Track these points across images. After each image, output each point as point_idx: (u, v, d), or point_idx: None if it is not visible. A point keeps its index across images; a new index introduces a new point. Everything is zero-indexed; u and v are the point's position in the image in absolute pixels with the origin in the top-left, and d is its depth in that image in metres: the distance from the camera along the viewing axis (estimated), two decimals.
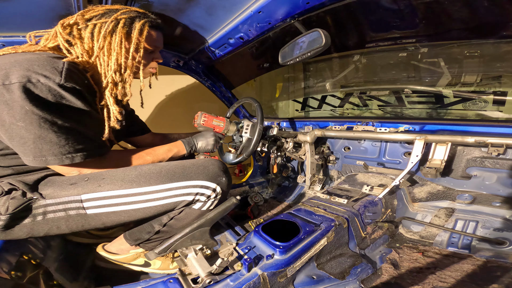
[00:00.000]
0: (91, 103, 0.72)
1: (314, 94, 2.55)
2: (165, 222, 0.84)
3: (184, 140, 1.01)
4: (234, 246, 0.89)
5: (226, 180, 0.86)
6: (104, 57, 0.73)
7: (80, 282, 0.93)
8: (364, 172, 1.47)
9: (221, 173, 0.85)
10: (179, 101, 2.96)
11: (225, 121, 1.22)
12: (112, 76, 0.74)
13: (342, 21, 1.22)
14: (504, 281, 0.84)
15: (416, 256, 1.04)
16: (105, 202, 0.72)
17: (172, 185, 0.77)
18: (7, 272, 0.69)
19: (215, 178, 0.83)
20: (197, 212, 0.84)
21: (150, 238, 0.89)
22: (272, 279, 0.75)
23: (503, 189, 1.06)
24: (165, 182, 0.76)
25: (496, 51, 1.45)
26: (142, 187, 0.74)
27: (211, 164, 0.85)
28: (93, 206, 0.71)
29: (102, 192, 0.72)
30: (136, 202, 0.74)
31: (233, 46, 1.24)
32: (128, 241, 0.92)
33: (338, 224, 0.98)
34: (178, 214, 0.83)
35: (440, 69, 1.66)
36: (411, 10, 1.09)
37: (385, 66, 1.97)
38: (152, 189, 0.75)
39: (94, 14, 0.72)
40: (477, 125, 1.06)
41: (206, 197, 0.82)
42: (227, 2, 0.94)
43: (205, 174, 0.81)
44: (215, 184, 0.82)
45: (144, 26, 0.77)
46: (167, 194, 0.77)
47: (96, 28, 0.71)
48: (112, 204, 0.73)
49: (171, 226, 0.85)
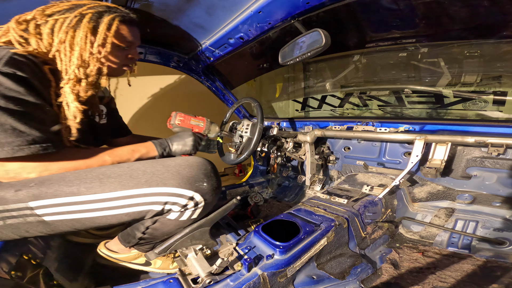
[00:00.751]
0: (44, 95, 0.65)
1: (314, 94, 2.55)
2: (143, 231, 0.77)
3: (155, 141, 0.89)
4: (234, 246, 0.89)
5: (208, 186, 0.73)
6: (66, 52, 0.68)
7: (80, 282, 0.93)
8: (364, 172, 1.47)
9: (202, 178, 0.73)
10: (179, 101, 2.96)
11: (205, 121, 1.09)
12: (75, 72, 0.70)
13: (342, 21, 1.22)
14: (504, 281, 0.84)
15: (416, 256, 1.04)
16: (58, 209, 0.64)
17: (132, 192, 0.67)
18: (7, 272, 0.69)
19: (192, 184, 0.71)
20: (175, 223, 0.75)
21: (138, 243, 0.84)
22: (272, 279, 0.75)
23: (503, 189, 1.06)
24: (124, 188, 0.66)
25: (496, 51, 1.45)
26: (95, 194, 0.65)
27: (188, 166, 0.73)
28: (47, 213, 0.64)
29: (50, 200, 0.63)
30: (92, 210, 0.66)
31: (233, 46, 1.24)
32: (122, 243, 0.88)
33: (338, 224, 0.98)
34: (152, 224, 0.75)
35: (440, 69, 1.66)
36: (411, 10, 1.09)
37: (385, 66, 1.96)
38: (107, 196, 0.66)
39: (57, 9, 0.69)
40: (477, 125, 1.06)
41: (181, 207, 0.71)
42: (227, 2, 0.94)
43: (178, 179, 0.69)
44: (191, 192, 0.70)
45: (113, 21, 0.72)
46: (126, 203, 0.67)
47: (58, 23, 0.67)
48: (66, 212, 0.65)
49: (151, 234, 0.79)
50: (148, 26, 1.10)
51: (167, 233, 0.79)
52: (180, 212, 0.73)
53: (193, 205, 0.73)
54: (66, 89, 0.70)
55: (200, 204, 0.74)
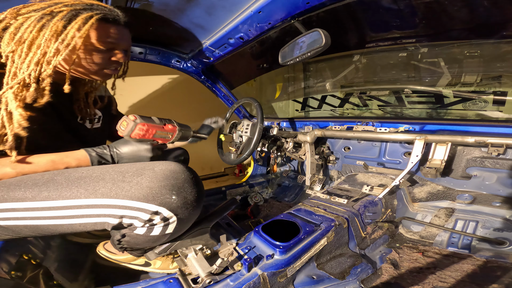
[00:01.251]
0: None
1: (314, 94, 2.55)
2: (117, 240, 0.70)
3: (90, 149, 0.73)
4: (234, 246, 0.89)
5: (179, 199, 0.62)
6: (21, 53, 0.60)
7: (80, 282, 0.93)
8: (364, 172, 1.47)
9: (169, 190, 0.61)
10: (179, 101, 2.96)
11: (176, 132, 0.86)
12: (25, 76, 0.60)
13: (342, 21, 1.23)
14: (504, 281, 0.84)
15: (416, 256, 1.04)
16: (7, 214, 0.61)
17: (81, 201, 0.60)
18: (7, 272, 0.69)
19: (154, 197, 0.60)
20: (146, 238, 0.67)
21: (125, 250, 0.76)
22: (272, 279, 0.75)
23: (503, 189, 1.06)
24: (73, 197, 0.60)
25: (496, 51, 1.45)
26: (42, 201, 0.60)
27: (152, 176, 0.61)
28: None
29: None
30: (42, 217, 0.61)
31: (233, 46, 1.24)
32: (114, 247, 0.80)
33: (338, 224, 0.98)
34: (122, 237, 0.68)
35: (440, 69, 1.67)
36: (411, 10, 1.09)
37: (385, 66, 1.97)
38: (56, 204, 0.60)
39: (33, 8, 0.62)
40: (477, 125, 1.06)
41: (143, 222, 0.62)
42: (227, 2, 0.94)
43: (135, 191, 0.59)
44: (154, 206, 0.60)
45: (88, 19, 0.63)
46: (77, 213, 0.61)
47: (26, 22, 0.60)
48: (17, 218, 0.61)
49: (128, 244, 0.71)
50: (148, 26, 1.10)
51: (146, 246, 0.73)
52: (147, 228, 0.64)
53: (160, 220, 0.63)
54: (9, 94, 0.60)
55: (171, 219, 0.64)
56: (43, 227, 0.63)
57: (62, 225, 0.63)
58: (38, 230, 0.65)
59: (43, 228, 0.64)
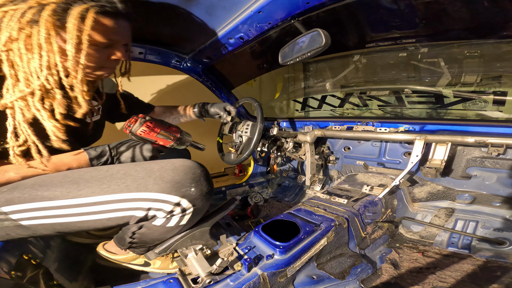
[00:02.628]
0: None
1: (314, 94, 2.55)
2: (130, 235, 0.74)
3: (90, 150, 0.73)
4: (234, 246, 0.89)
5: (197, 191, 0.68)
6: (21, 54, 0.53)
7: (80, 282, 0.93)
8: (364, 172, 1.47)
9: (189, 183, 0.67)
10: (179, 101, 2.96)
11: (178, 135, 0.86)
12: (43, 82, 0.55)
13: (342, 21, 1.22)
14: (504, 281, 0.84)
15: (416, 256, 1.04)
16: (33, 214, 0.61)
17: (112, 197, 0.63)
18: (7, 272, 0.69)
19: (177, 189, 0.65)
20: (162, 229, 0.71)
21: (130, 246, 0.81)
22: (272, 279, 0.75)
23: (503, 189, 1.06)
24: (103, 193, 0.62)
25: (496, 51, 1.45)
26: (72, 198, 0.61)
27: (173, 170, 0.67)
28: (22, 218, 0.62)
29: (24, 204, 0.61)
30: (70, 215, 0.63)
31: (233, 46, 1.24)
32: (117, 245, 0.85)
33: (338, 224, 0.98)
34: (138, 229, 0.72)
35: (440, 69, 1.66)
36: (411, 10, 1.09)
37: (385, 66, 1.97)
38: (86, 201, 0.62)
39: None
40: (477, 125, 1.06)
41: (166, 213, 0.67)
42: (227, 2, 0.94)
43: (161, 185, 0.64)
44: (177, 197, 0.65)
45: (86, 12, 0.55)
46: (106, 208, 0.63)
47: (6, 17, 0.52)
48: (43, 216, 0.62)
49: (139, 239, 0.76)
50: (148, 25, 1.10)
51: (156, 239, 0.76)
52: (166, 218, 0.69)
53: (180, 211, 0.68)
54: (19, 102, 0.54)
55: (188, 210, 0.69)
56: (69, 224, 0.64)
57: (89, 221, 0.65)
58: (62, 227, 0.66)
59: (69, 225, 0.65)
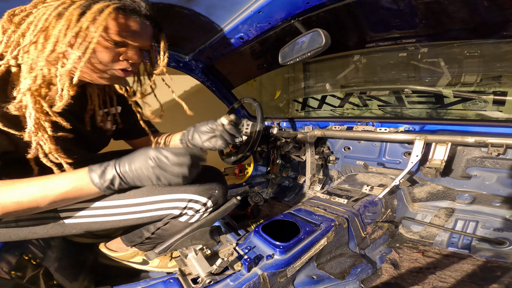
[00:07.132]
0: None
1: (314, 94, 2.55)
2: (153, 231, 0.83)
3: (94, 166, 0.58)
4: (234, 246, 0.89)
5: (220, 192, 0.80)
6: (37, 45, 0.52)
7: (80, 282, 0.93)
8: (364, 172, 1.47)
9: (215, 185, 0.79)
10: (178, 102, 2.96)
11: None
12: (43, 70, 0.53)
13: (342, 21, 1.22)
14: (504, 281, 0.84)
15: (416, 256, 1.04)
16: (83, 213, 0.68)
17: (158, 197, 0.72)
18: (7, 272, 0.69)
19: (207, 191, 0.77)
20: (182, 224, 0.81)
21: (142, 242, 0.89)
22: (272, 279, 0.75)
23: (503, 189, 1.06)
24: (151, 194, 0.71)
25: (496, 51, 1.45)
26: (125, 199, 0.69)
27: (205, 175, 0.76)
28: (70, 216, 0.67)
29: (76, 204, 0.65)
30: (116, 214, 0.70)
31: (233, 46, 1.24)
32: (124, 242, 0.93)
33: (338, 224, 0.98)
34: (164, 225, 0.81)
35: (440, 69, 1.67)
36: (411, 10, 1.09)
37: (385, 66, 1.97)
38: (137, 201, 0.70)
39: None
40: (477, 125, 1.06)
41: (194, 211, 0.78)
42: (227, 2, 0.94)
43: (197, 187, 0.75)
44: (206, 198, 0.77)
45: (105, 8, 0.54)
46: (151, 207, 0.72)
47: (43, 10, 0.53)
48: (92, 215, 0.68)
49: (159, 234, 0.85)
50: None
51: (174, 233, 0.82)
52: (191, 216, 0.79)
53: (204, 210, 0.79)
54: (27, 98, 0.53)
55: (209, 208, 0.80)
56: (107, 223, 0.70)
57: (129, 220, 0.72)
58: (97, 226, 0.70)
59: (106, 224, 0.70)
